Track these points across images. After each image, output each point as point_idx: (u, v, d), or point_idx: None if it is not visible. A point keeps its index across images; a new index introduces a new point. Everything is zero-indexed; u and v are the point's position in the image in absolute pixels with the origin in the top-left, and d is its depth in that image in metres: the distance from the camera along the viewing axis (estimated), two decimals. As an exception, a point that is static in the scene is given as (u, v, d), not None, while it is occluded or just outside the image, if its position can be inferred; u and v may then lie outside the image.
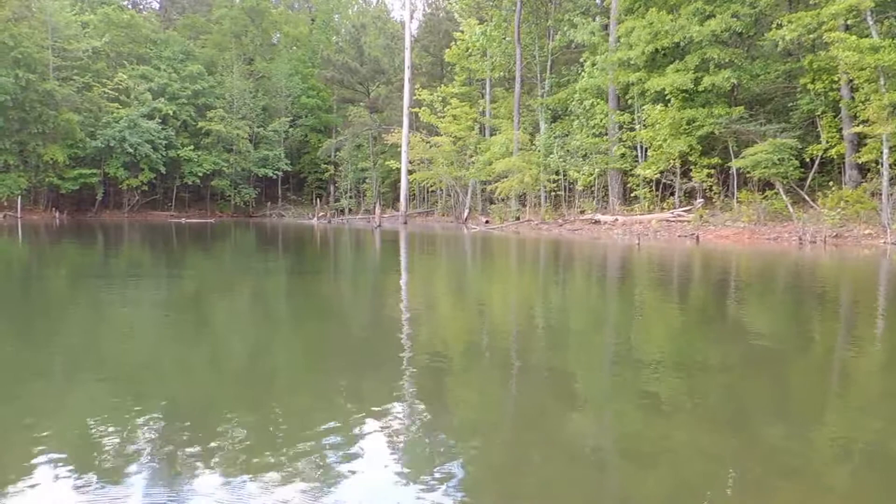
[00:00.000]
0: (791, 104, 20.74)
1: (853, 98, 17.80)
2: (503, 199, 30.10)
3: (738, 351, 4.68)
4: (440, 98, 35.33)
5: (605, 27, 26.30)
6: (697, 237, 18.36)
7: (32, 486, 2.32)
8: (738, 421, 3.11)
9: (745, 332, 5.61)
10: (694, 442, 2.82)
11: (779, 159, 18.42)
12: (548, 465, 2.58)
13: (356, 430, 2.93)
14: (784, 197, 18.87)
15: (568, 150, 26.65)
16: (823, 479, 2.48)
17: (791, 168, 18.73)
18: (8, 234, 21.04)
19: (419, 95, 35.90)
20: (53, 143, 34.73)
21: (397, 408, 3.29)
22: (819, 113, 19.33)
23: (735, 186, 20.74)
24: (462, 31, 34.35)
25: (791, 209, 18.48)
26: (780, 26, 18.51)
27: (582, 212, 26.00)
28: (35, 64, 33.42)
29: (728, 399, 3.48)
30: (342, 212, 45.23)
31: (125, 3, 49.01)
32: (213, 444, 2.72)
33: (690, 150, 21.29)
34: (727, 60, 20.61)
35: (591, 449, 2.79)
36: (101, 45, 37.90)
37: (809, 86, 19.00)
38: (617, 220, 22.86)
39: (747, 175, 20.03)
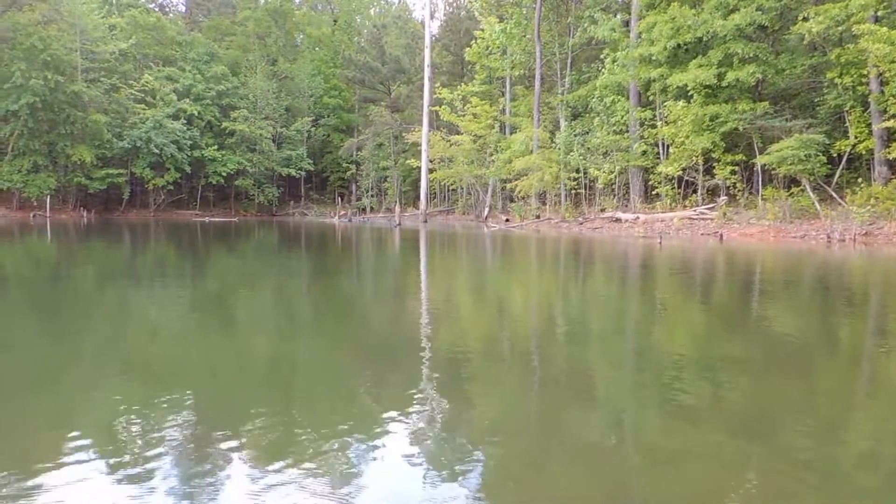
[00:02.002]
0: (818, 99, 20.27)
1: (883, 92, 17.34)
2: (523, 198, 29.95)
3: (765, 353, 4.58)
4: (460, 96, 35.31)
5: (626, 23, 25.99)
6: (721, 235, 18.06)
7: (63, 476, 2.38)
8: (761, 424, 3.05)
9: (773, 334, 5.50)
10: (717, 445, 2.77)
11: (805, 155, 18.00)
12: (569, 466, 2.56)
13: (378, 428, 2.94)
14: (811, 194, 18.46)
15: (588, 148, 26.41)
16: (849, 485, 2.42)
17: (818, 164, 18.30)
18: (38, 233, 21.55)
19: (439, 94, 35.91)
20: (81, 144, 35.46)
21: (418, 406, 3.29)
22: (847, 108, 18.85)
23: (760, 183, 20.34)
24: (482, 30, 34.26)
25: (818, 206, 18.07)
26: (806, 19, 18.11)
27: (602, 210, 25.75)
28: (63, 66, 34.12)
29: (752, 401, 3.41)
30: (363, 210, 45.49)
31: (152, 5, 49.88)
32: (237, 440, 2.75)
33: (714, 147, 20.92)
34: (751, 55, 20.17)
35: (613, 450, 2.75)
36: (128, 47, 38.56)
37: (837, 80, 18.52)
38: (638, 218, 22.60)
39: (772, 172, 19.64)
